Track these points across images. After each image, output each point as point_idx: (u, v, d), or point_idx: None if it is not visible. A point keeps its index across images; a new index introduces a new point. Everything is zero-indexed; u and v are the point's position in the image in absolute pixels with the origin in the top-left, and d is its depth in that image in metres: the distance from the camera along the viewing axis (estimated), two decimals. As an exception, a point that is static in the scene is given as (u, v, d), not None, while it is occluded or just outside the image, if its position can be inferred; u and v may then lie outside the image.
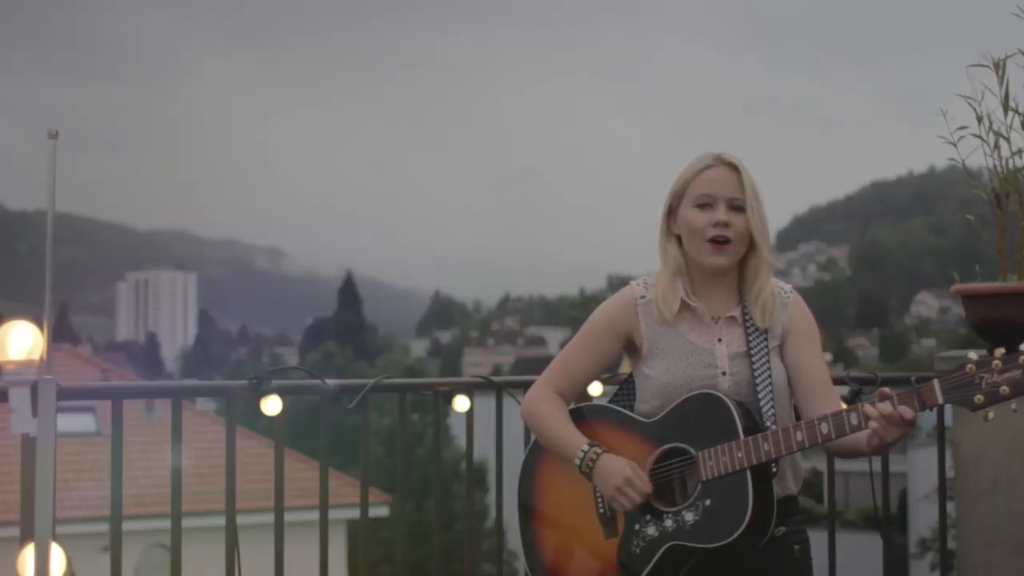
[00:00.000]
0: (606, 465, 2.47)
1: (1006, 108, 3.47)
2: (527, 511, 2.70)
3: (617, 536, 2.49)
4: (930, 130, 3.63)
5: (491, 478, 3.79)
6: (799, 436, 2.35)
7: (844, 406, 2.44)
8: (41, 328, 2.43)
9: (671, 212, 2.59)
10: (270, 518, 3.03)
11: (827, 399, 2.54)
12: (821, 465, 3.79)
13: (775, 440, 2.35)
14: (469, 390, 3.32)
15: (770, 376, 2.51)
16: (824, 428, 2.33)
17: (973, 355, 2.22)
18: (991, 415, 2.21)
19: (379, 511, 19.02)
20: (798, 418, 2.55)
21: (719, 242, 2.49)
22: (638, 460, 2.48)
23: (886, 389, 2.32)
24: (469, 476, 3.56)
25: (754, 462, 2.35)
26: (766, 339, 2.54)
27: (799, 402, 2.58)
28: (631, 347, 2.62)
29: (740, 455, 2.35)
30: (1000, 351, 2.20)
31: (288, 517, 3.11)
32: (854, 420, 2.32)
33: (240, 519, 2.99)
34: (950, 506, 3.81)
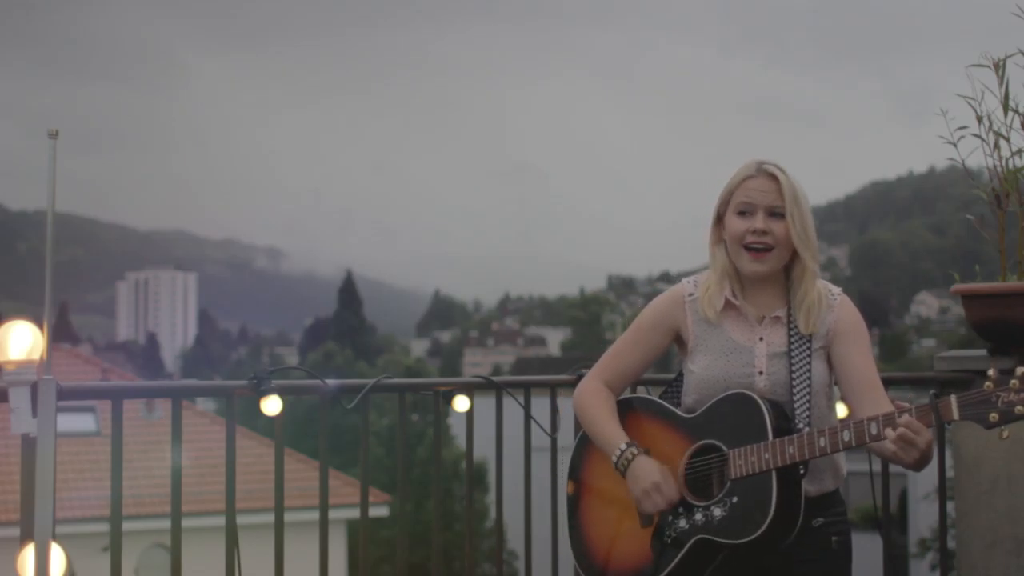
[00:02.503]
0: (639, 467, 2.56)
1: (1006, 108, 3.47)
2: (575, 494, 2.79)
3: (652, 526, 2.58)
4: (930, 130, 3.64)
5: (491, 478, 3.80)
6: (822, 442, 2.41)
7: (894, 406, 2.46)
8: (41, 328, 2.42)
9: (719, 219, 2.66)
10: (270, 518, 3.03)
11: (875, 398, 2.58)
12: (821, 465, 3.77)
13: (799, 444, 2.42)
14: (469, 390, 3.32)
15: (809, 377, 2.56)
16: (846, 436, 2.39)
17: (992, 372, 2.24)
18: (1005, 433, 2.23)
19: (379, 511, 19.02)
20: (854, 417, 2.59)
21: (757, 250, 2.56)
22: (676, 454, 2.57)
23: (903, 404, 2.38)
24: (469, 476, 3.55)
25: (779, 464, 2.42)
26: (809, 341, 2.60)
27: (849, 402, 2.64)
28: (680, 343, 2.72)
29: (767, 456, 2.43)
30: (1021, 370, 2.21)
31: (288, 517, 3.11)
32: (874, 430, 2.37)
33: (240, 519, 2.99)
34: (950, 506, 3.82)
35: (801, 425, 2.49)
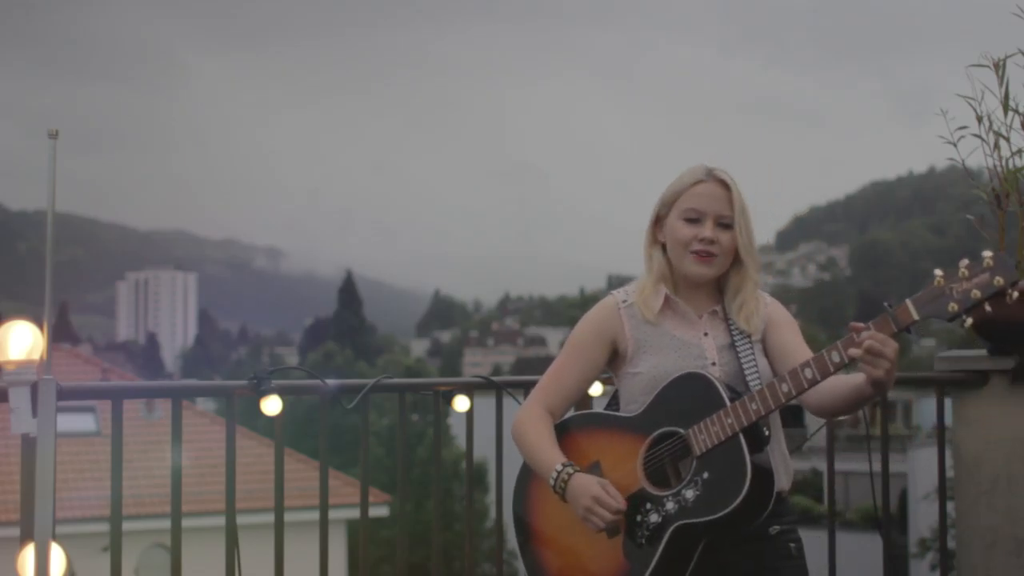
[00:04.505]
0: (576, 486, 2.46)
1: (1006, 108, 3.47)
2: (526, 527, 2.67)
3: (620, 532, 2.47)
4: (930, 130, 3.63)
5: (491, 478, 3.79)
6: (784, 387, 2.35)
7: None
8: (41, 328, 2.42)
9: (658, 220, 2.63)
10: (270, 518, 3.03)
11: None
12: (821, 465, 3.78)
13: (762, 396, 2.35)
14: (469, 390, 3.32)
15: (756, 367, 2.53)
16: (808, 373, 2.33)
17: (939, 271, 2.21)
18: (968, 322, 2.19)
19: (379, 511, 19.04)
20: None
21: (703, 255, 2.53)
22: (631, 455, 2.48)
23: (858, 324, 2.29)
24: (469, 476, 3.55)
25: (744, 424, 2.35)
26: (749, 336, 2.57)
27: None
28: (613, 356, 2.64)
29: (730, 421, 2.36)
30: (964, 261, 2.19)
31: (288, 517, 3.11)
32: (836, 358, 2.30)
33: (240, 519, 2.99)
34: (950, 506, 3.81)
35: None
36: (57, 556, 2.37)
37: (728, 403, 2.38)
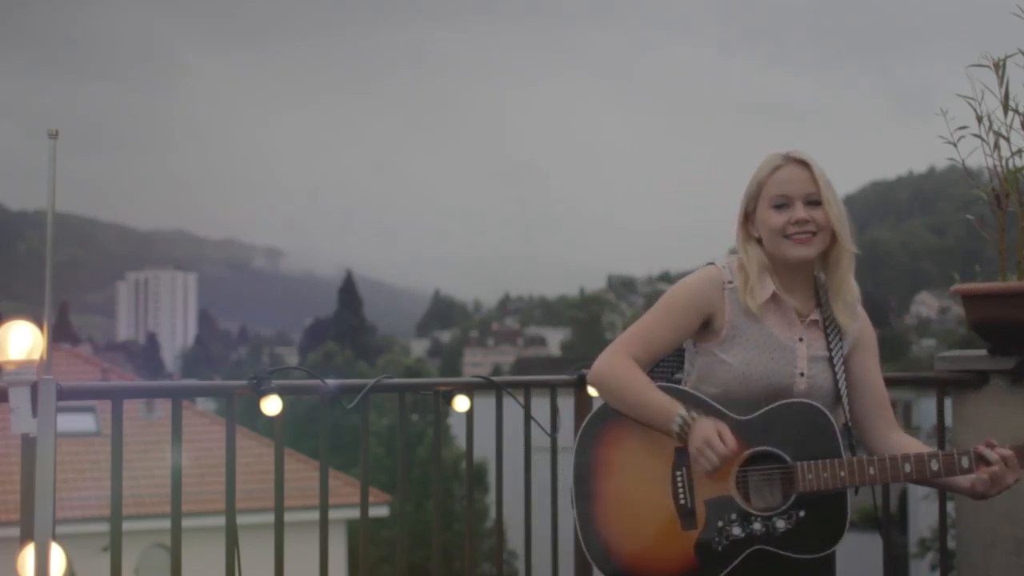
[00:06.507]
0: (697, 427, 2.42)
1: (1006, 108, 3.46)
2: (587, 491, 2.57)
3: (696, 529, 2.45)
4: (930, 130, 3.63)
5: (491, 478, 3.79)
6: (907, 468, 2.40)
7: (904, 434, 2.52)
8: (41, 328, 2.42)
9: (747, 217, 2.59)
10: (270, 518, 3.02)
11: (887, 418, 2.61)
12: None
13: (881, 467, 2.39)
14: (469, 390, 3.32)
15: (847, 383, 2.55)
16: (934, 466, 2.39)
17: None
18: None
19: (379, 511, 19.02)
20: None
21: (802, 237, 2.49)
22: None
23: (993, 442, 2.38)
24: (469, 476, 3.55)
25: (856, 483, 2.39)
26: (843, 346, 2.56)
27: (859, 417, 2.61)
28: (703, 328, 2.58)
29: (843, 474, 2.39)
30: None
31: (288, 517, 3.10)
32: (965, 464, 2.37)
33: (240, 519, 2.99)
34: (950, 506, 3.81)
35: (853, 439, 2.50)
36: (57, 556, 2.37)
37: (843, 454, 2.40)
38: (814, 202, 2.50)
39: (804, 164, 2.52)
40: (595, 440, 2.60)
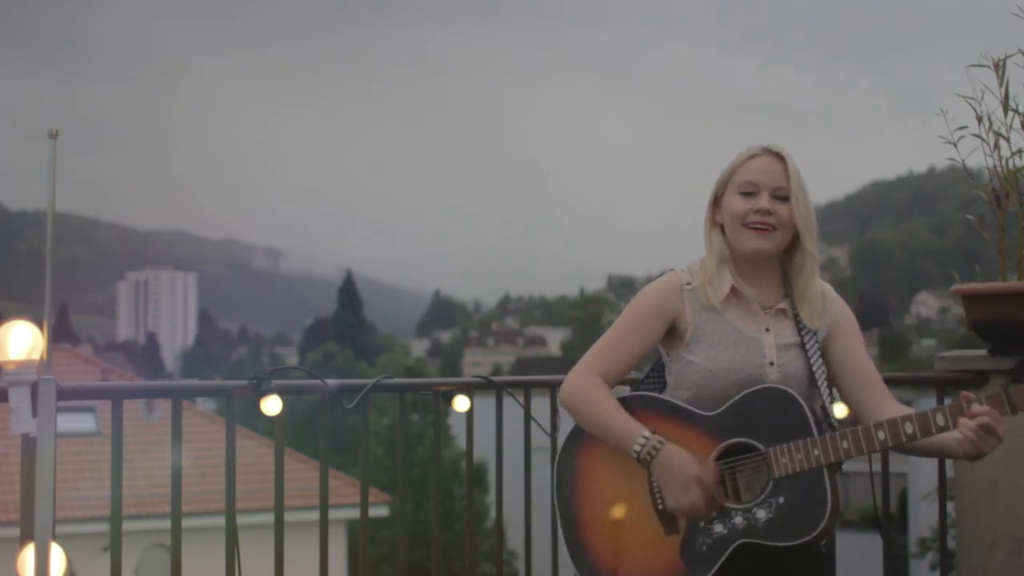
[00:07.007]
0: (672, 456, 2.39)
1: (1006, 108, 3.46)
2: (570, 509, 2.58)
3: (679, 533, 2.42)
4: (930, 130, 3.63)
5: (491, 478, 3.79)
6: (881, 435, 2.33)
7: (902, 406, 2.42)
8: (41, 328, 2.42)
9: (716, 201, 2.57)
10: (270, 518, 3.03)
11: (885, 396, 2.54)
12: (821, 465, 3.76)
13: (855, 439, 2.33)
14: (469, 390, 3.32)
15: (824, 371, 2.50)
16: (908, 428, 2.32)
17: None
18: None
19: (379, 511, 19.03)
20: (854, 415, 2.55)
21: (760, 228, 2.46)
22: (700, 456, 2.41)
23: (969, 394, 2.31)
24: (469, 476, 3.55)
25: (832, 460, 2.34)
26: (815, 334, 2.53)
27: (854, 400, 2.56)
28: (669, 333, 2.56)
29: (817, 453, 2.33)
30: None
31: (288, 517, 3.11)
32: (940, 421, 2.30)
33: (240, 519, 2.99)
34: (950, 506, 3.81)
35: (833, 420, 2.44)
36: (57, 556, 2.37)
37: (815, 432, 2.35)
38: (782, 197, 2.47)
39: (780, 158, 2.49)
40: (574, 455, 2.60)
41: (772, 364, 2.47)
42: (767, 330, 2.50)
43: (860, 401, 2.55)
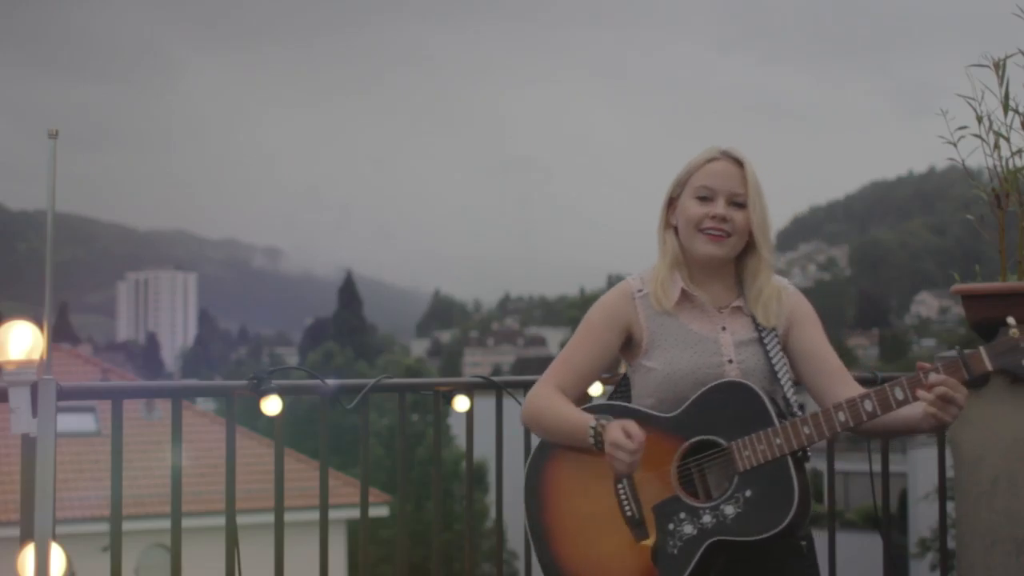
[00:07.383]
0: (612, 432, 2.34)
1: (1006, 108, 3.46)
2: (540, 524, 2.54)
3: (649, 538, 2.39)
4: (930, 130, 3.63)
5: (491, 478, 3.79)
6: (842, 416, 2.30)
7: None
8: (41, 328, 2.42)
9: (671, 202, 2.55)
10: (270, 518, 3.03)
11: (848, 382, 2.50)
12: (821, 465, 3.78)
13: (816, 423, 2.30)
14: (469, 390, 3.32)
15: (785, 363, 2.48)
16: (868, 406, 2.29)
17: (1012, 320, 2.19)
18: None
19: (379, 511, 19.02)
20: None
21: (715, 234, 2.45)
22: (664, 458, 2.39)
23: (925, 364, 2.28)
24: (469, 476, 3.55)
25: (795, 447, 2.30)
26: (775, 329, 2.50)
27: (817, 389, 2.53)
28: (627, 344, 2.56)
29: (779, 442, 2.30)
30: None
31: (288, 517, 3.11)
32: (899, 395, 2.27)
33: (240, 519, 2.99)
34: (950, 506, 3.81)
35: (795, 410, 2.40)
36: (57, 556, 2.37)
37: (776, 421, 2.32)
38: (738, 203, 2.46)
39: (738, 163, 2.48)
40: (539, 471, 2.57)
41: (731, 361, 2.45)
42: (723, 328, 2.49)
43: (822, 388, 2.51)
